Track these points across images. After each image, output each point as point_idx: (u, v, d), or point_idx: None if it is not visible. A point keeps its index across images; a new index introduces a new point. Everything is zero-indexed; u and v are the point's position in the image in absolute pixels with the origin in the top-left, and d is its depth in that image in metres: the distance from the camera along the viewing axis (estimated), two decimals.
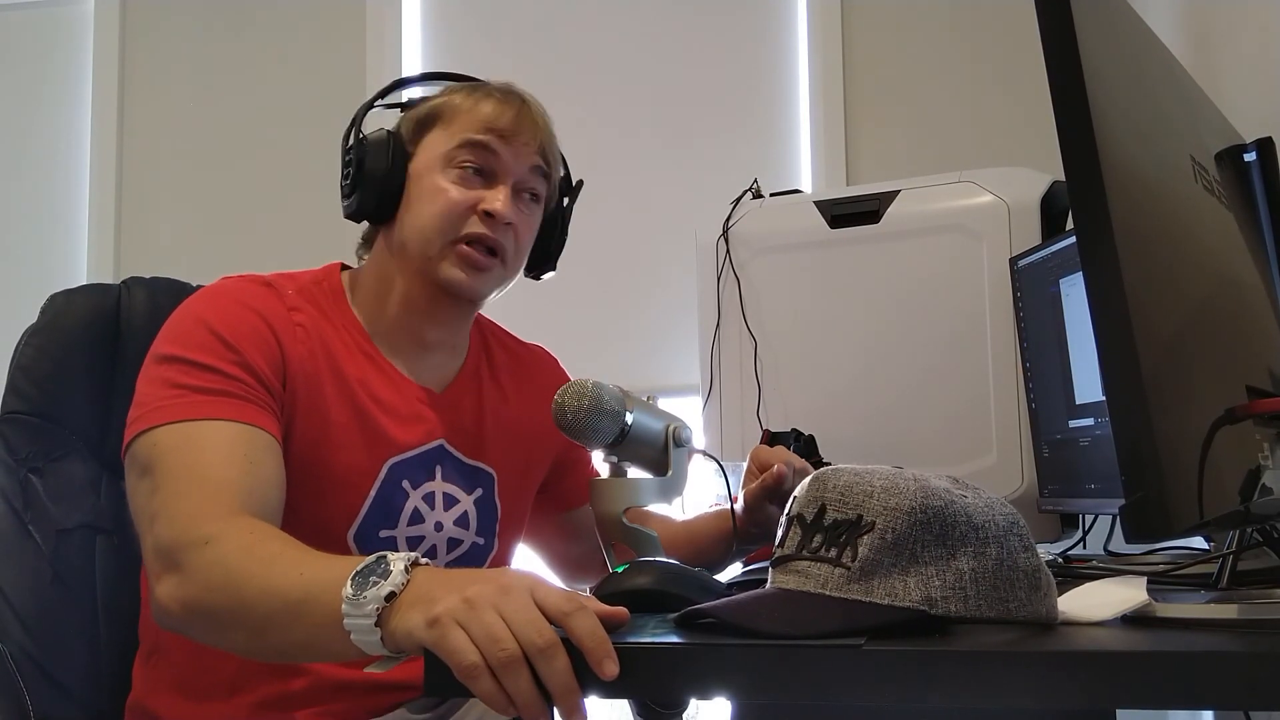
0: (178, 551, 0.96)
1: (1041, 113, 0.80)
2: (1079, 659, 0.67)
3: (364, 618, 0.80)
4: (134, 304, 1.32)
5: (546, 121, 1.26)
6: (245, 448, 1.05)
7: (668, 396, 2.56)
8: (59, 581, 1.21)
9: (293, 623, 0.87)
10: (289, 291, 1.19)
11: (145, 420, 1.06)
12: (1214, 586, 0.91)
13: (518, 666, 0.71)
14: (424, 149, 1.23)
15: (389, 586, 0.80)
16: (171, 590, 0.96)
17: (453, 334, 1.28)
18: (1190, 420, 0.69)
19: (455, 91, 1.26)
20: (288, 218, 2.93)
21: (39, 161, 3.05)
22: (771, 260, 1.95)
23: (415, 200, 1.21)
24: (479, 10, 2.92)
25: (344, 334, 1.20)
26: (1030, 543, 0.82)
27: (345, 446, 1.16)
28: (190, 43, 3.04)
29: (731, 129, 2.76)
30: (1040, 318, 1.54)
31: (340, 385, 1.17)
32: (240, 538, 0.95)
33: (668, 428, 1.10)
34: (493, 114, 1.22)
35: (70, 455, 1.26)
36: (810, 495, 0.85)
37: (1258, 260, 0.98)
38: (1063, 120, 0.70)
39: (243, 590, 0.91)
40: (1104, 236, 0.67)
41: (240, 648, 0.98)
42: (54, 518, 1.22)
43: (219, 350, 1.09)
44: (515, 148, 1.22)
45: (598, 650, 0.71)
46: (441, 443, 1.23)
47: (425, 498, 1.21)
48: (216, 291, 1.17)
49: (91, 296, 1.32)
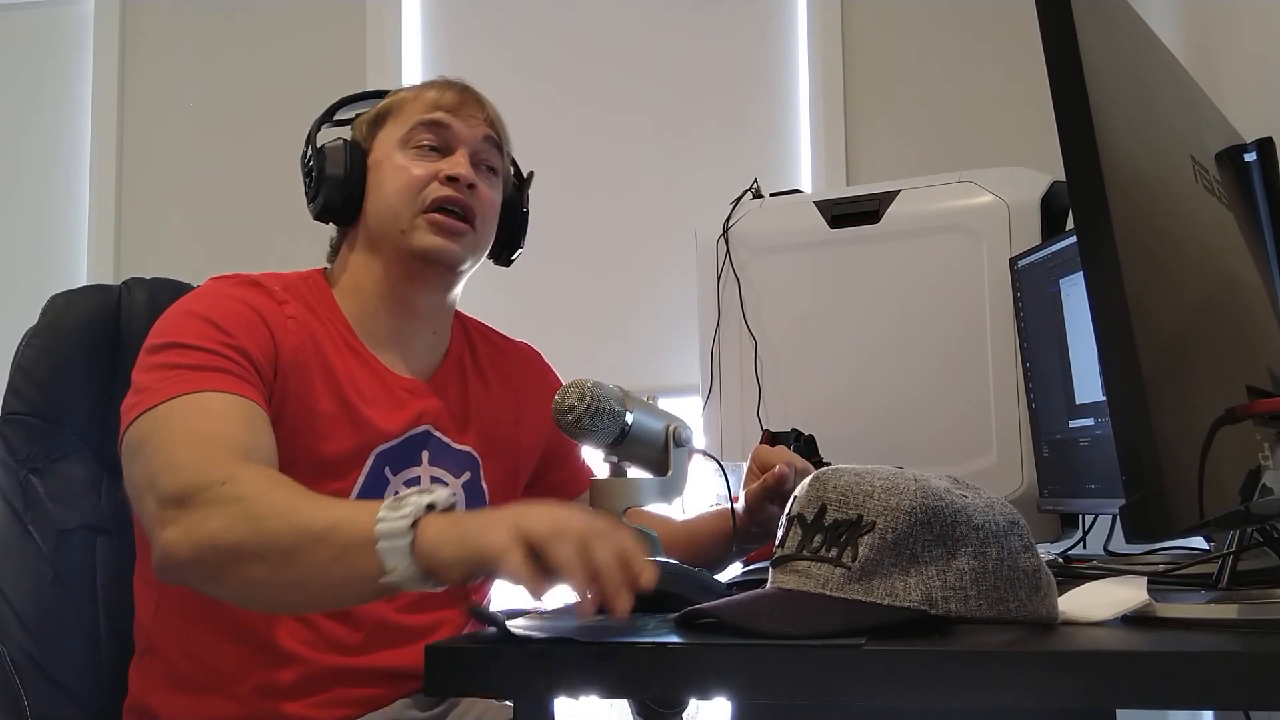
0: (190, 495, 0.95)
1: (1041, 113, 0.80)
2: (1079, 659, 0.67)
3: (400, 519, 0.82)
4: (134, 305, 1.32)
5: (489, 103, 1.31)
6: (242, 413, 1.05)
7: (668, 396, 2.56)
8: (59, 582, 1.21)
9: (316, 547, 0.87)
10: (276, 288, 1.21)
11: (140, 405, 1.05)
12: (1214, 586, 0.91)
13: (564, 539, 0.76)
14: (379, 143, 1.28)
15: (430, 498, 0.83)
16: (181, 533, 0.94)
17: (434, 316, 1.29)
18: (1190, 420, 0.69)
19: (400, 90, 1.33)
20: (288, 218, 2.92)
21: (39, 162, 3.04)
22: (771, 260, 1.95)
23: (377, 186, 1.25)
24: (479, 10, 2.92)
25: (330, 328, 1.22)
26: (1031, 543, 0.82)
27: (331, 436, 1.16)
28: (190, 43, 3.04)
29: (731, 129, 2.76)
30: (1040, 318, 1.54)
31: (327, 377, 1.18)
32: (255, 476, 0.95)
33: (668, 428, 1.10)
34: (436, 96, 1.28)
35: (70, 456, 1.25)
36: (811, 495, 0.85)
37: (1258, 260, 0.98)
38: (1063, 120, 0.70)
39: (265, 522, 0.91)
40: (1104, 236, 0.67)
41: (251, 584, 0.94)
42: (54, 518, 1.22)
43: (211, 333, 1.10)
44: (464, 119, 1.27)
45: (632, 564, 0.76)
46: (428, 428, 1.24)
47: (407, 483, 1.22)
48: (204, 290, 1.19)
49: (92, 297, 1.32)
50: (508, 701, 1.03)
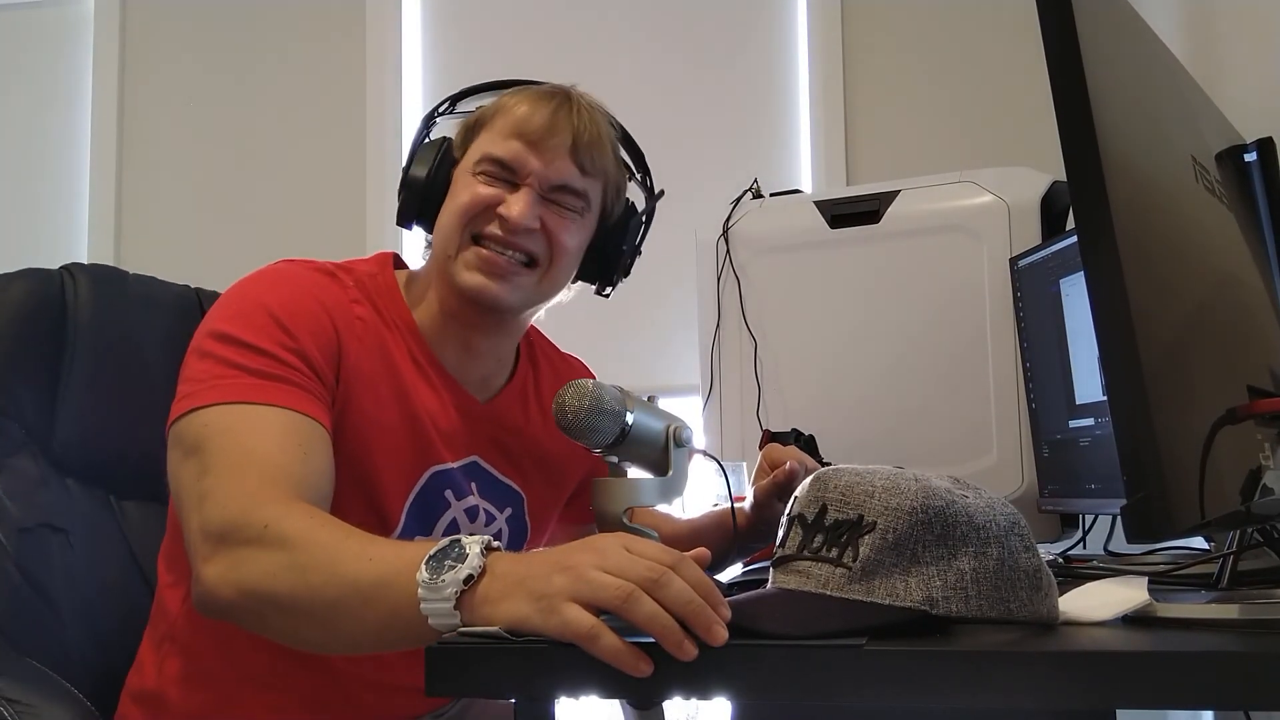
0: (232, 533, 0.93)
1: (1041, 113, 0.80)
2: (1079, 659, 0.67)
3: (442, 601, 0.78)
4: (79, 291, 1.22)
5: (591, 123, 1.20)
6: (299, 435, 1.02)
7: (668, 396, 2.56)
8: (27, 582, 1.13)
9: (364, 608, 0.85)
10: (349, 282, 1.17)
11: (195, 398, 1.02)
12: (1214, 586, 0.91)
13: (637, 598, 0.71)
14: (470, 152, 1.21)
15: (466, 569, 0.78)
16: (223, 573, 0.92)
17: (495, 345, 1.24)
18: (1191, 420, 0.69)
19: (505, 93, 1.23)
20: (288, 217, 2.93)
21: (39, 161, 3.04)
22: (771, 260, 1.95)
23: (449, 200, 1.20)
24: (479, 11, 2.91)
25: (397, 334, 1.18)
26: (1031, 543, 0.82)
27: (390, 450, 1.14)
28: (190, 42, 3.04)
29: (731, 129, 2.76)
30: (1040, 318, 1.54)
31: (393, 386, 1.15)
32: (300, 522, 0.92)
33: (668, 428, 1.10)
34: (526, 114, 1.18)
35: (20, 451, 1.17)
36: (811, 495, 0.85)
37: (1258, 260, 0.98)
38: (1063, 120, 0.70)
39: (308, 574, 0.88)
40: (1105, 236, 0.67)
41: (299, 636, 0.93)
42: (13, 517, 1.14)
43: (276, 334, 1.06)
44: (543, 152, 1.17)
45: (711, 595, 0.72)
46: (476, 459, 1.22)
47: (468, 510, 1.21)
48: (279, 275, 1.14)
49: (30, 282, 1.21)
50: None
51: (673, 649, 0.70)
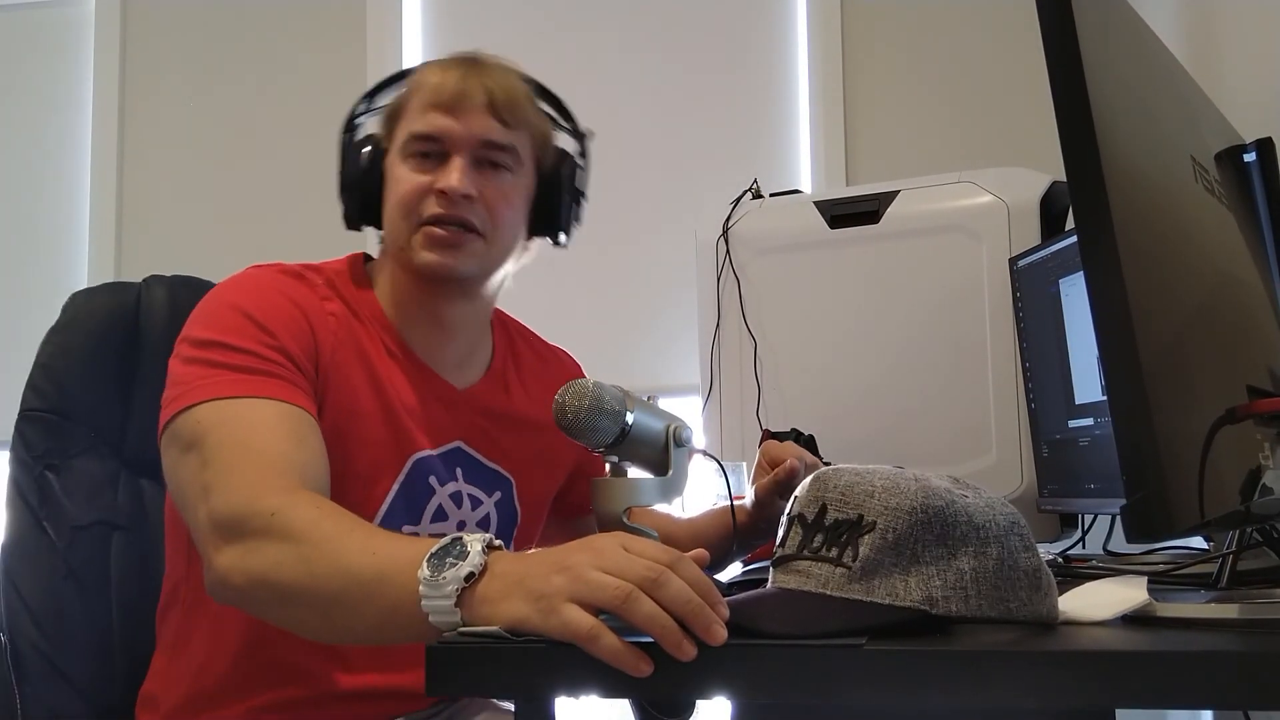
0: (241, 522, 0.94)
1: (1041, 113, 0.80)
2: (1079, 659, 0.67)
3: (443, 599, 0.79)
4: (153, 302, 1.33)
5: (502, 80, 1.20)
6: (291, 425, 1.04)
7: (668, 396, 2.56)
8: (72, 577, 1.22)
9: (364, 603, 0.86)
10: (319, 282, 1.19)
11: (184, 398, 1.04)
12: (1214, 586, 0.91)
13: (636, 598, 0.71)
14: (395, 139, 1.21)
15: (467, 567, 0.79)
16: (234, 561, 0.93)
17: (463, 317, 1.25)
18: (1191, 420, 0.69)
19: (415, 73, 1.23)
20: (288, 217, 2.93)
21: (39, 162, 3.04)
22: (771, 260, 1.95)
23: (388, 194, 1.20)
24: (479, 10, 2.91)
25: (370, 327, 1.20)
26: (1031, 543, 0.82)
27: (370, 441, 1.15)
28: (190, 43, 3.04)
29: (731, 129, 2.76)
30: (1040, 318, 1.54)
31: (368, 378, 1.16)
32: (306, 512, 0.93)
33: (668, 428, 1.10)
34: (438, 84, 1.18)
35: (88, 452, 1.27)
36: (811, 495, 0.85)
37: (1258, 260, 0.98)
38: (1063, 120, 0.70)
39: (312, 565, 0.89)
40: (1104, 236, 0.67)
41: (304, 626, 0.95)
42: (70, 514, 1.23)
43: (253, 333, 1.08)
44: (463, 116, 1.17)
45: (710, 594, 0.72)
46: (459, 444, 1.23)
47: (452, 496, 1.21)
48: (247, 279, 1.16)
49: (112, 295, 1.34)
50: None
51: (672, 649, 0.70)
